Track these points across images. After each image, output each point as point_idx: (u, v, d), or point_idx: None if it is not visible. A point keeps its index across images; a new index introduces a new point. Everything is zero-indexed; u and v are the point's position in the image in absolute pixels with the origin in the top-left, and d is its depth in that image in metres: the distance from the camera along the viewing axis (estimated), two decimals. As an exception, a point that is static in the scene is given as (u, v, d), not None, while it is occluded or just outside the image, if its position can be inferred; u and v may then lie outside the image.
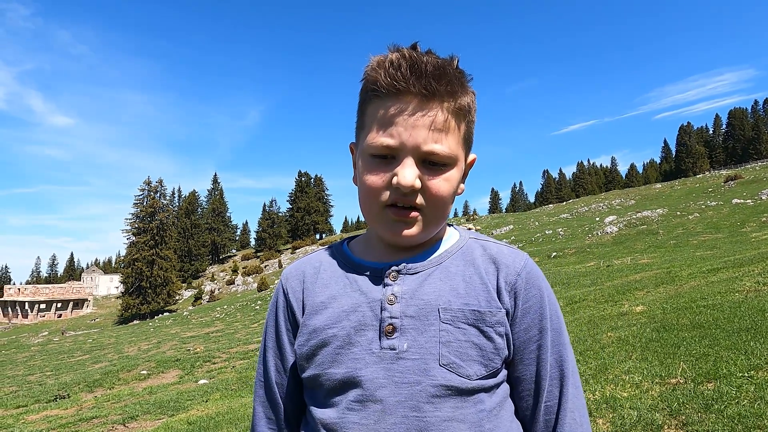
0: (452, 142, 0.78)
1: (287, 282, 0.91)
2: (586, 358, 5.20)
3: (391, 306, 0.79)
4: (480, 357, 0.77)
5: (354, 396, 0.76)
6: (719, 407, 3.31)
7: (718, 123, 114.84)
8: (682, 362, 4.35)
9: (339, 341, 0.79)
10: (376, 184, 0.78)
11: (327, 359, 0.79)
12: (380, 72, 0.77)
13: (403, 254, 0.85)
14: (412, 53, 0.77)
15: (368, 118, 0.80)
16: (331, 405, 0.79)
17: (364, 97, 0.82)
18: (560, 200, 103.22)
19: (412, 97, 0.75)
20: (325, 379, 0.79)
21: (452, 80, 0.77)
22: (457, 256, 0.86)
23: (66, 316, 69.28)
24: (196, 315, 38.90)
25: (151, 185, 66.33)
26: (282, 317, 0.89)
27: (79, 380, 14.04)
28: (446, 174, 0.79)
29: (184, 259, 78.80)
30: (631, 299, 8.92)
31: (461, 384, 0.75)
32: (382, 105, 0.77)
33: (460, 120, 0.80)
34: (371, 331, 0.78)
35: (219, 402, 8.06)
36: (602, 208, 48.89)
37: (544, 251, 26.85)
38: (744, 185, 39.91)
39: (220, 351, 16.31)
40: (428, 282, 0.81)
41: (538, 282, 0.84)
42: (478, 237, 0.91)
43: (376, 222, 0.82)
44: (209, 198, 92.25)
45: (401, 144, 0.76)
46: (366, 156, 0.80)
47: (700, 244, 18.80)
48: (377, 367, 0.76)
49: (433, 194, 0.78)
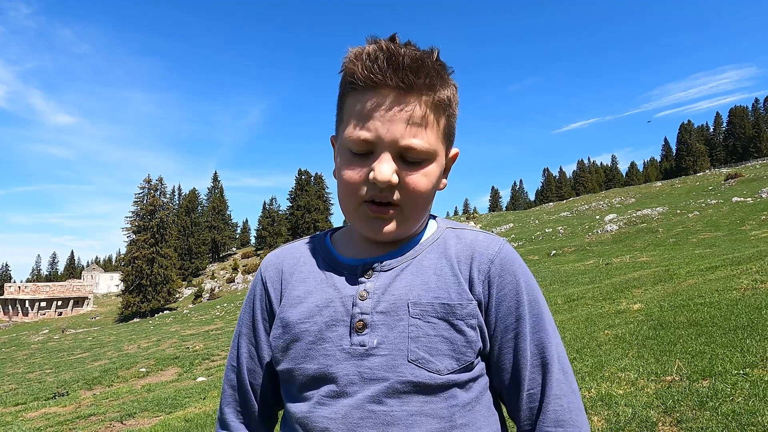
0: (431, 136, 0.76)
1: (266, 271, 0.90)
2: (582, 356, 5.20)
3: (362, 302, 0.78)
4: (451, 351, 0.75)
5: (325, 391, 0.76)
6: (714, 404, 3.31)
7: (718, 121, 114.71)
8: (678, 360, 4.35)
9: (311, 336, 0.79)
10: (353, 180, 0.77)
11: (300, 354, 0.79)
12: (357, 64, 0.75)
13: (381, 250, 0.84)
14: (389, 45, 0.75)
15: (346, 112, 0.79)
16: (303, 399, 0.79)
17: (343, 90, 0.80)
18: (560, 198, 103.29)
19: (389, 90, 0.74)
20: (299, 374, 0.79)
21: (431, 73, 0.75)
22: (431, 249, 0.84)
23: (66, 314, 69.41)
24: (196, 313, 38.96)
25: (151, 183, 66.29)
26: (258, 306, 0.89)
27: (78, 378, 14.07)
28: (425, 169, 0.77)
29: (185, 257, 78.75)
30: (629, 297, 8.92)
31: (430, 380, 0.73)
32: (360, 98, 0.76)
33: (440, 114, 0.78)
34: (342, 327, 0.78)
35: (216, 399, 8.05)
36: (602, 206, 48.88)
37: (543, 249, 26.86)
38: (744, 183, 39.90)
39: (219, 349, 16.32)
40: (400, 277, 0.80)
41: (513, 268, 0.81)
42: (455, 226, 0.89)
43: (354, 218, 0.81)
44: (209, 196, 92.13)
45: (378, 138, 0.74)
46: (344, 150, 0.79)
47: (699, 242, 18.80)
48: (348, 364, 0.76)
49: (411, 190, 0.76)
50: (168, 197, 72.02)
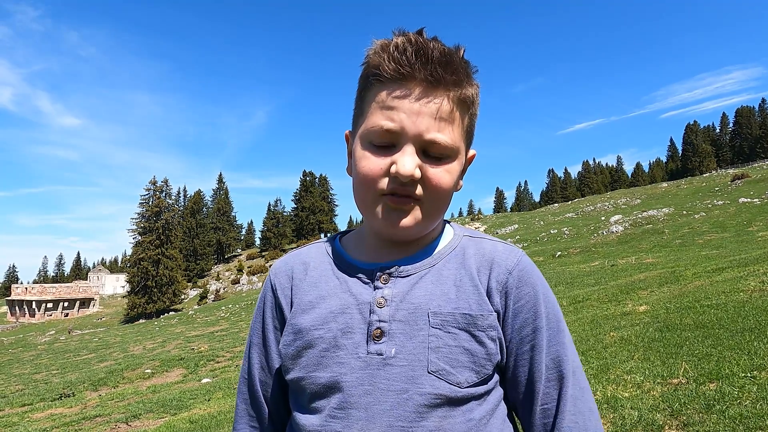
0: (456, 133, 0.75)
1: (276, 278, 0.88)
2: (588, 358, 5.18)
3: (380, 309, 0.76)
4: (471, 363, 0.73)
5: (336, 402, 0.73)
6: (721, 408, 3.28)
7: (725, 121, 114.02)
8: (684, 362, 4.32)
9: (325, 344, 0.76)
10: (373, 172, 0.74)
11: (312, 362, 0.76)
12: (384, 56, 0.73)
13: (396, 254, 0.82)
14: (418, 38, 0.74)
15: (368, 104, 0.77)
16: (314, 411, 0.76)
17: (365, 82, 0.78)
18: (565, 199, 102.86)
19: (416, 83, 0.72)
20: (309, 383, 0.76)
21: (458, 69, 0.74)
22: (450, 257, 0.82)
23: (72, 315, 69.76)
24: (201, 314, 39.04)
25: (157, 185, 66.56)
26: (269, 314, 0.87)
27: (84, 379, 14.15)
28: (447, 165, 0.75)
29: (190, 259, 79.01)
30: (635, 299, 8.87)
31: (451, 392, 0.71)
32: (385, 90, 0.74)
33: (464, 111, 0.77)
34: (358, 335, 0.75)
35: (221, 401, 8.07)
36: (608, 207, 48.66)
37: (548, 251, 26.76)
38: (751, 184, 39.59)
39: (224, 350, 16.35)
40: (419, 285, 0.78)
41: (531, 280, 0.80)
42: (473, 235, 0.87)
43: (371, 211, 0.77)
44: (214, 198, 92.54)
45: (402, 130, 0.72)
46: (364, 142, 0.76)
47: (705, 243, 18.68)
48: (362, 373, 0.73)
49: (434, 185, 0.74)
50: (173, 199, 72.18)
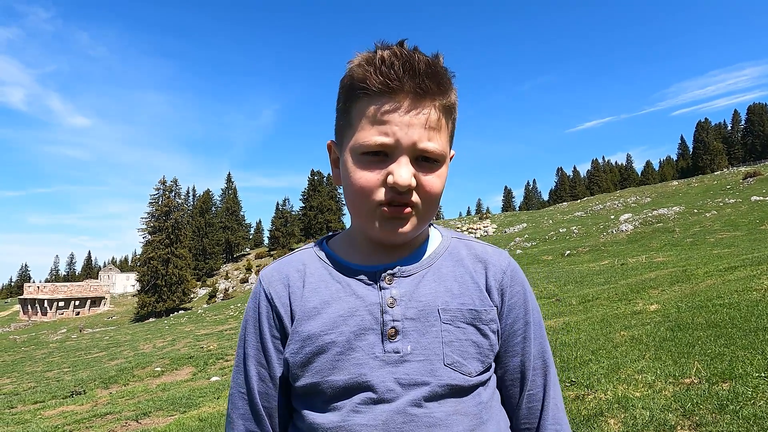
0: (443, 139, 0.80)
1: (270, 286, 0.86)
2: (598, 357, 5.13)
3: (391, 309, 0.79)
4: (478, 354, 0.81)
5: (360, 399, 0.76)
6: (734, 408, 3.24)
7: (736, 119, 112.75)
8: (696, 362, 4.27)
9: (338, 347, 0.78)
10: (370, 183, 0.77)
11: (326, 366, 0.78)
12: (370, 69, 0.76)
13: (392, 256, 0.85)
14: (402, 51, 0.77)
15: (356, 117, 0.79)
16: (332, 410, 0.77)
17: (350, 94, 0.80)
18: (574, 198, 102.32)
19: (404, 95, 0.75)
20: (326, 387, 0.77)
21: (442, 79, 0.79)
22: (445, 256, 0.88)
23: (84, 313, 70.51)
24: (210, 313, 39.30)
25: (166, 184, 67.07)
26: (266, 324, 0.84)
27: (95, 377, 14.28)
28: (438, 171, 0.80)
29: (199, 258, 79.54)
30: (646, 298, 8.79)
31: (464, 381, 0.78)
32: (373, 103, 0.76)
33: (449, 117, 0.81)
34: (372, 335, 0.78)
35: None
36: (617, 206, 48.31)
37: (557, 249, 26.61)
38: (763, 182, 39.11)
39: (233, 348, 16.44)
40: (423, 284, 0.83)
41: (520, 278, 0.90)
42: (460, 237, 0.94)
43: (368, 220, 0.80)
44: (223, 197, 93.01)
45: (397, 142, 0.75)
46: (356, 154, 0.79)
47: (717, 242, 18.48)
48: (383, 371, 0.77)
49: (428, 191, 0.79)
50: (183, 198, 72.74)
